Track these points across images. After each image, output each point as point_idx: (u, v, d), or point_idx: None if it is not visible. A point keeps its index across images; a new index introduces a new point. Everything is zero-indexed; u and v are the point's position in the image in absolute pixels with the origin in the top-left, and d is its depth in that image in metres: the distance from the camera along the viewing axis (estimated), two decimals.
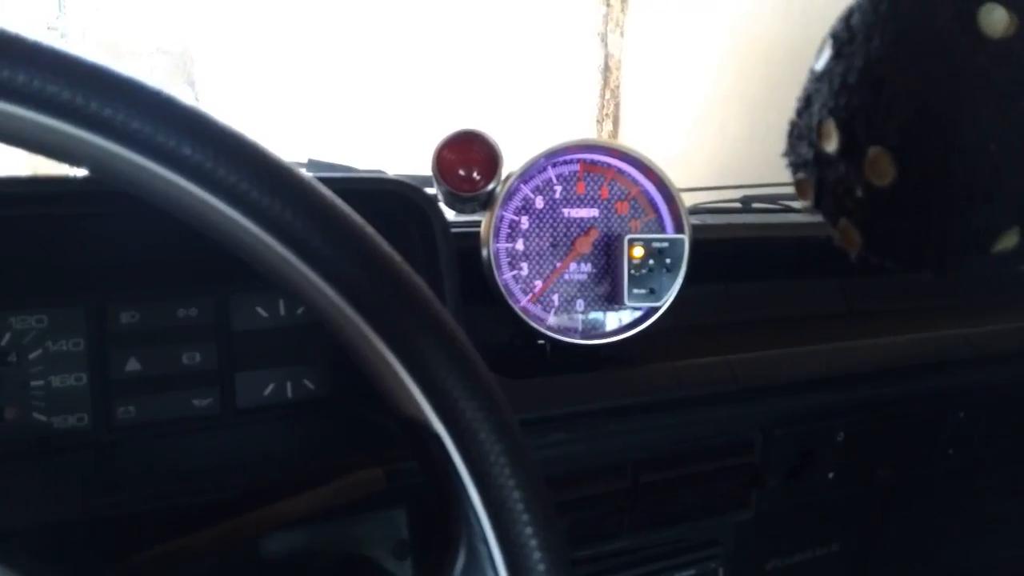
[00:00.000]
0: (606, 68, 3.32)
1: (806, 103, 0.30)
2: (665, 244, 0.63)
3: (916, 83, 0.26)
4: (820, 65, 0.29)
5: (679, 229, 0.65)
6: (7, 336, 0.48)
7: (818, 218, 0.31)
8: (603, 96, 3.34)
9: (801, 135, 0.30)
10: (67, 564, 0.43)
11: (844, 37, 0.28)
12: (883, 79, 0.27)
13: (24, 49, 0.23)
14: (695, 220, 0.91)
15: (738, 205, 1.12)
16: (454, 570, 0.27)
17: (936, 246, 0.28)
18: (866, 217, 0.28)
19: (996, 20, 0.25)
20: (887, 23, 0.27)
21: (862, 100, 0.27)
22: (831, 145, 0.28)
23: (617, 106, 3.36)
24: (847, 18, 0.29)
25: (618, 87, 3.36)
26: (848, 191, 0.28)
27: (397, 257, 0.28)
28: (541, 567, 0.26)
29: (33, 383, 0.48)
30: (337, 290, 0.26)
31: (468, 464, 0.26)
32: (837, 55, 0.29)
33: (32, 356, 0.48)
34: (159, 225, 0.50)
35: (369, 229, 0.27)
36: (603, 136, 3.31)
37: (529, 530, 0.26)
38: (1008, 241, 0.27)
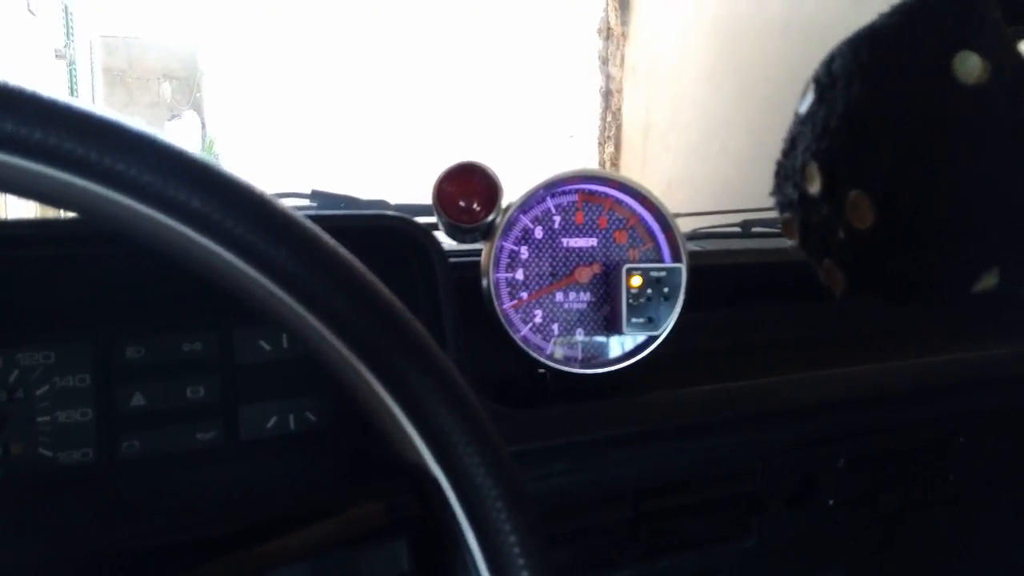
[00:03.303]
0: (607, 92, 3.36)
1: (791, 145, 0.31)
2: (663, 273, 0.64)
3: (894, 128, 0.27)
4: (804, 108, 0.30)
5: (676, 258, 0.66)
6: (15, 373, 0.49)
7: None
8: (604, 119, 3.37)
9: (787, 176, 0.31)
10: None
11: (826, 82, 0.29)
12: (863, 124, 0.28)
13: (41, 107, 0.24)
14: (695, 246, 0.92)
15: (738, 230, 1.13)
16: None
17: (917, 287, 0.28)
18: (848, 258, 0.29)
19: (971, 67, 0.26)
20: (866, 69, 0.28)
21: (843, 144, 0.28)
22: (814, 187, 0.29)
23: (619, 128, 3.39)
24: (829, 63, 0.30)
25: (619, 110, 3.39)
26: (831, 232, 0.29)
27: (397, 302, 0.29)
28: None
29: (40, 419, 0.49)
30: (337, 335, 0.27)
31: (465, 508, 0.27)
32: (820, 99, 0.30)
33: (39, 392, 0.49)
34: (163, 262, 0.51)
35: (370, 276, 0.28)
36: (605, 158, 3.34)
37: (524, 574, 0.27)
38: (988, 281, 0.28)
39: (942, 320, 0.92)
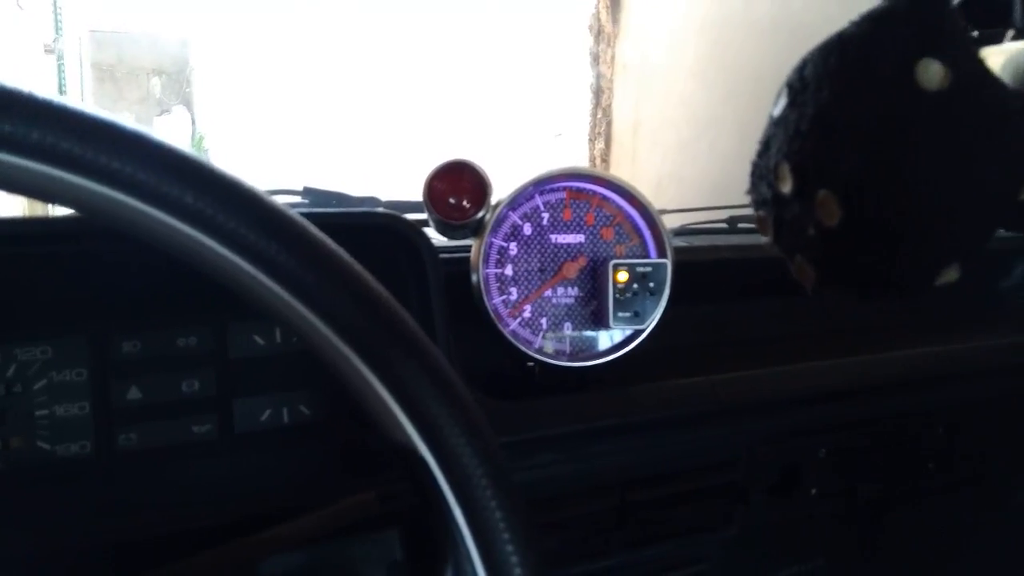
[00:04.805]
0: (598, 89, 3.37)
1: (765, 146, 0.32)
2: (648, 268, 0.65)
3: (860, 131, 0.28)
4: (777, 111, 0.32)
5: (662, 253, 0.67)
6: (12, 368, 0.50)
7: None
8: (595, 116, 3.39)
9: (761, 175, 0.33)
10: None
11: (798, 86, 0.31)
12: (831, 127, 0.29)
13: (39, 107, 0.25)
14: (681, 241, 0.94)
15: (724, 225, 1.14)
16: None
17: (883, 282, 0.30)
18: (818, 254, 0.30)
19: (932, 74, 0.28)
20: (835, 75, 0.30)
21: (813, 146, 0.29)
22: (786, 186, 0.31)
23: (609, 125, 3.41)
24: (801, 68, 0.31)
25: (609, 107, 3.41)
26: (802, 229, 0.30)
27: (384, 292, 0.30)
28: None
29: (37, 412, 0.50)
30: (326, 323, 0.28)
31: (453, 487, 0.28)
32: (792, 103, 0.31)
33: (36, 386, 0.50)
34: (157, 258, 0.52)
35: (357, 266, 0.30)
36: (595, 154, 3.35)
37: (510, 548, 0.28)
38: (950, 276, 0.30)
39: (920, 315, 0.94)
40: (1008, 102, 0.28)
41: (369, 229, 0.59)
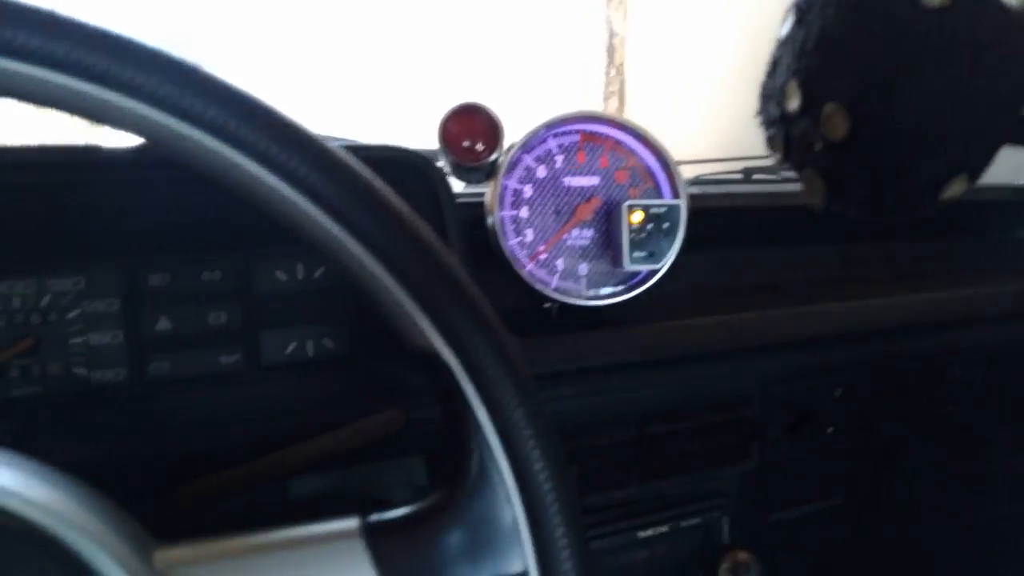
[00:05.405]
0: (611, 46, 3.33)
1: (773, 67, 0.33)
2: (663, 209, 0.66)
3: (865, 46, 0.29)
4: (784, 31, 0.33)
5: (676, 195, 0.68)
6: (47, 298, 0.52)
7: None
8: (608, 74, 3.36)
9: (769, 96, 0.34)
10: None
11: (804, 6, 0.32)
12: (837, 43, 0.30)
13: (103, 38, 0.27)
14: (696, 190, 0.94)
15: (739, 176, 1.14)
16: (467, 483, 0.31)
17: (889, 193, 0.31)
18: (825, 168, 0.32)
19: None
20: None
21: (819, 62, 0.30)
22: (794, 104, 0.32)
23: (623, 83, 3.37)
24: None
25: (623, 64, 3.37)
26: (809, 145, 0.31)
27: (406, 207, 0.31)
28: (543, 476, 0.30)
29: (72, 341, 0.52)
30: (353, 235, 0.30)
31: (476, 389, 0.30)
32: (799, 22, 0.32)
33: (71, 316, 0.52)
34: (184, 193, 0.54)
35: (379, 182, 0.31)
36: (610, 112, 3.32)
37: (531, 443, 0.30)
38: (956, 188, 0.31)
39: (939, 259, 0.95)
40: (1008, 19, 0.29)
41: (386, 164, 0.60)
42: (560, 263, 0.68)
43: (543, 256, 0.68)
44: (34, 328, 0.52)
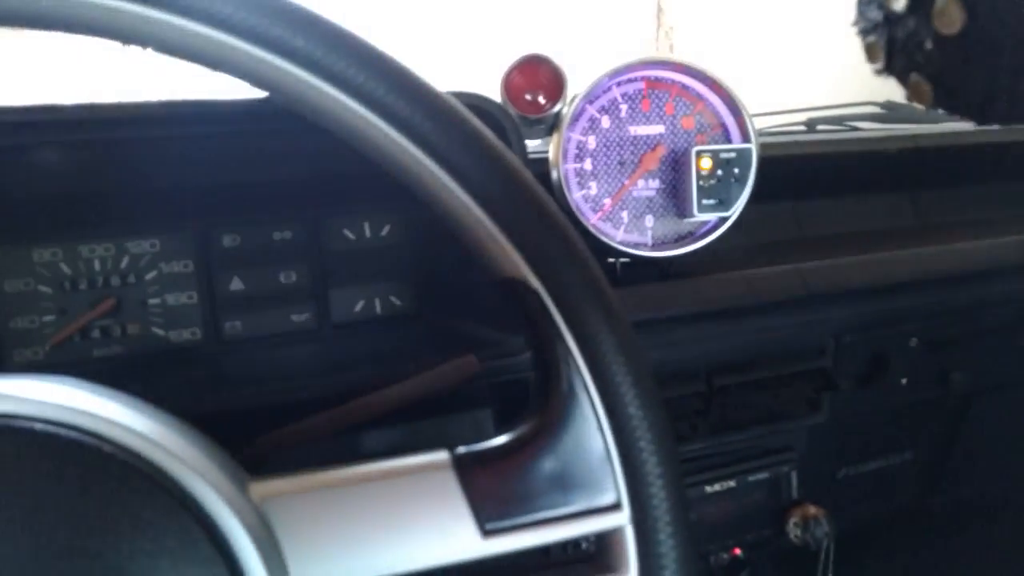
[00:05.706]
0: (659, 10, 3.27)
1: None
2: (732, 154, 0.64)
3: None
4: None
5: (746, 140, 0.66)
6: (125, 260, 0.53)
7: (886, 134, 0.32)
8: (657, 39, 3.29)
9: (869, 0, 0.31)
10: None
11: None
12: None
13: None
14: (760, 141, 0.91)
15: (803, 128, 1.10)
16: (557, 412, 0.30)
17: (1006, 93, 0.28)
18: (936, 68, 0.29)
19: None
20: None
21: None
22: (899, 3, 0.29)
23: (671, 48, 3.31)
24: None
25: (672, 29, 3.30)
26: (918, 45, 0.29)
27: (498, 141, 0.30)
28: (634, 406, 0.29)
29: (150, 301, 0.53)
30: (442, 166, 0.29)
31: (563, 313, 0.29)
32: None
33: (148, 277, 0.53)
34: (252, 154, 0.54)
35: (475, 120, 0.30)
36: None
37: (623, 370, 0.29)
38: None
39: (1015, 204, 0.90)
40: None
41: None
42: (625, 215, 0.67)
43: (608, 208, 0.66)
44: (114, 290, 0.53)
